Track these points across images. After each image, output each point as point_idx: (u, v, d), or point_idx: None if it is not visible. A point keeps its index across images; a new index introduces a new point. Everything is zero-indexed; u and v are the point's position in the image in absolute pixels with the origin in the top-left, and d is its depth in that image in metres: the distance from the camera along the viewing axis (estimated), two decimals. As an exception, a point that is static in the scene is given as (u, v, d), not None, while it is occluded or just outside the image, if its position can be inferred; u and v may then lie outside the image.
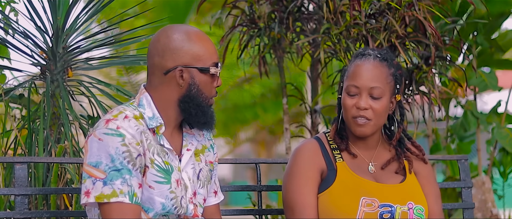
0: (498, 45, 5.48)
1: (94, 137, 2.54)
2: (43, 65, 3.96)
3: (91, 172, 2.51)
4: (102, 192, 2.49)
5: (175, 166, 2.66)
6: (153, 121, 2.62)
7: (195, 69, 2.63)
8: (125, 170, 2.51)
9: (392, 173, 2.97)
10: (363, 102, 2.87)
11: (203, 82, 2.64)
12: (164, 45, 2.64)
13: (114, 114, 2.58)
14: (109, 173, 2.50)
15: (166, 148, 2.65)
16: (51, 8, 3.93)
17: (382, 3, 3.94)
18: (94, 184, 2.50)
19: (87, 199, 2.51)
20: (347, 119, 2.93)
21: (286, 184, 2.92)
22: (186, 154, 2.72)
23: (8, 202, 3.63)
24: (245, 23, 4.33)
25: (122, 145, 2.52)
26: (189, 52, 2.63)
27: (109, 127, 2.54)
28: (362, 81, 2.88)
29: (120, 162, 2.51)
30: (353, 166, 2.93)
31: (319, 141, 2.98)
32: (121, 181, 2.50)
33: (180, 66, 2.62)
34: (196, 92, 2.64)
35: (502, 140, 5.41)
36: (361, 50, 2.96)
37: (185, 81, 2.63)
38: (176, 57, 2.63)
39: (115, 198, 2.49)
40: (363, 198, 2.85)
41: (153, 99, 2.65)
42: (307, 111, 4.86)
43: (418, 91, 4.13)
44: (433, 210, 2.96)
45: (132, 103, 2.67)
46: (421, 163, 3.03)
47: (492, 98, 6.80)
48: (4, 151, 3.81)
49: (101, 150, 2.52)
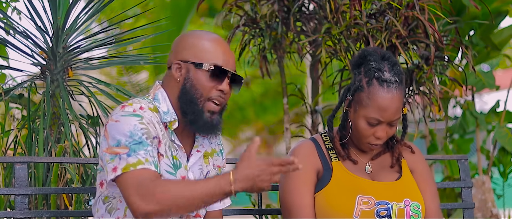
0: (494, 44, 5.49)
1: (111, 121, 2.55)
2: (43, 65, 3.96)
3: (115, 150, 2.50)
4: (127, 162, 2.48)
5: (183, 164, 2.66)
6: (168, 116, 2.63)
7: (191, 64, 2.63)
8: (145, 143, 2.51)
9: (388, 171, 2.98)
10: (382, 132, 2.86)
11: (197, 78, 2.62)
12: (176, 43, 2.69)
13: (129, 102, 2.60)
14: (131, 147, 2.49)
15: (176, 144, 2.65)
16: (51, 8, 3.93)
17: (382, 3, 3.94)
18: (120, 159, 2.49)
19: (115, 174, 2.48)
20: (359, 139, 2.90)
21: (283, 185, 2.93)
22: (195, 155, 2.71)
23: (8, 202, 3.63)
24: (247, 23, 4.34)
25: (140, 123, 2.53)
26: (192, 48, 2.64)
27: (125, 110, 2.55)
28: (387, 115, 2.83)
29: (139, 137, 2.51)
30: (349, 165, 2.94)
31: (315, 142, 2.99)
32: (144, 152, 2.49)
33: (178, 60, 2.64)
34: (190, 87, 2.62)
35: (502, 140, 5.40)
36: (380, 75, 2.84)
37: (182, 75, 2.63)
38: (179, 52, 2.65)
39: (141, 166, 2.47)
40: (359, 196, 2.85)
41: (168, 94, 2.66)
42: (307, 111, 4.86)
43: (418, 91, 4.12)
44: (430, 208, 2.96)
45: (147, 97, 2.67)
46: (417, 160, 3.03)
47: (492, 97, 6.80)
48: (4, 151, 3.81)
49: (119, 130, 2.52)
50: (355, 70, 2.92)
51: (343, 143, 2.96)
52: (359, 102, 2.86)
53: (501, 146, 5.67)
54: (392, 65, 2.87)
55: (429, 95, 4.12)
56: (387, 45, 3.90)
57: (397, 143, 3.00)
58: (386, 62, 2.87)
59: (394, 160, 2.99)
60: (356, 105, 2.87)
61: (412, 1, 3.92)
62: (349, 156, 2.94)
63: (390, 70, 2.85)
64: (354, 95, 2.88)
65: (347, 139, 2.94)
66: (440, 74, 4.19)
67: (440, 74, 4.19)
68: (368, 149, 2.92)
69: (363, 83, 2.86)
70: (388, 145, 3.01)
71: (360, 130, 2.86)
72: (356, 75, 2.90)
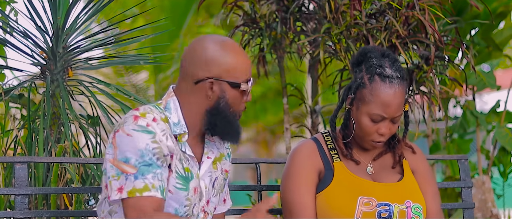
0: (495, 44, 5.48)
1: (122, 133, 2.50)
2: (43, 65, 3.96)
3: (122, 167, 2.47)
4: (134, 186, 2.45)
5: (195, 173, 2.64)
6: (178, 128, 2.59)
7: (226, 83, 2.58)
8: (155, 165, 2.48)
9: (389, 172, 2.97)
10: (386, 129, 2.86)
11: (232, 96, 2.60)
12: (199, 54, 2.59)
13: (142, 112, 2.54)
14: (140, 168, 2.46)
15: (187, 155, 2.62)
16: (51, 7, 3.93)
17: (382, 3, 3.94)
18: (126, 180, 2.46)
19: (120, 195, 2.46)
20: (362, 137, 2.90)
21: (284, 185, 2.92)
22: (206, 162, 2.69)
23: (8, 202, 3.63)
24: (246, 22, 4.34)
25: (153, 142, 2.49)
26: (222, 65, 2.58)
27: (138, 123, 2.50)
28: (390, 111, 2.83)
29: (150, 158, 2.47)
30: (351, 166, 2.93)
31: (317, 142, 2.98)
32: (152, 176, 2.47)
33: (211, 78, 2.58)
34: (224, 106, 2.59)
35: (502, 140, 5.40)
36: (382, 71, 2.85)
37: (214, 93, 2.58)
38: (208, 68, 2.58)
39: (147, 193, 2.45)
40: (360, 198, 2.85)
41: (181, 104, 2.61)
42: (307, 111, 4.86)
43: (418, 91, 4.12)
44: (431, 209, 2.96)
45: (159, 105, 2.62)
46: (419, 161, 3.03)
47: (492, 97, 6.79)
48: (4, 151, 3.81)
49: (130, 146, 2.48)
50: (356, 68, 2.92)
51: (345, 143, 2.95)
52: (362, 99, 2.86)
53: (501, 146, 5.67)
54: (392, 62, 2.87)
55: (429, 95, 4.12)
56: (387, 45, 3.90)
57: (399, 143, 3.00)
58: (387, 59, 2.87)
59: (396, 160, 2.99)
60: (358, 103, 2.87)
61: (412, 1, 3.93)
62: (351, 157, 2.94)
63: (391, 66, 2.85)
64: (356, 92, 2.88)
65: (350, 138, 2.94)
66: (440, 74, 4.19)
67: (440, 74, 4.19)
68: (371, 146, 2.92)
69: (365, 80, 2.86)
70: (389, 145, 3.01)
71: (363, 127, 2.86)
72: (357, 72, 2.90)
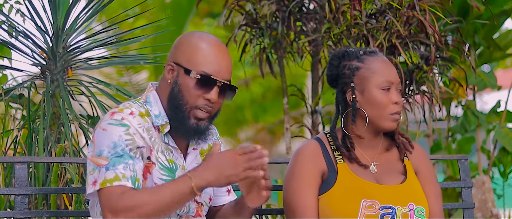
0: (496, 45, 5.48)
1: (99, 129, 2.54)
2: (43, 65, 3.96)
3: (96, 161, 2.50)
4: (105, 177, 2.46)
5: (180, 165, 2.64)
6: (159, 119, 2.60)
7: (182, 69, 2.58)
8: (127, 156, 2.49)
9: (393, 173, 2.96)
10: (398, 97, 2.87)
11: (185, 84, 2.57)
12: (175, 42, 2.65)
13: (120, 108, 2.58)
14: (111, 159, 2.48)
15: (170, 146, 2.63)
16: (51, 8, 3.93)
17: (383, 3, 3.94)
18: (99, 172, 2.48)
19: (94, 187, 2.48)
20: (379, 116, 2.88)
21: (287, 185, 2.92)
22: (191, 153, 2.70)
23: (8, 202, 3.63)
24: (248, 22, 4.34)
25: (126, 134, 2.51)
26: (186, 52, 2.59)
27: (114, 118, 2.53)
28: (393, 74, 2.88)
29: (122, 148, 2.49)
30: (354, 167, 2.92)
31: (320, 142, 2.96)
32: (123, 166, 2.48)
33: (171, 61, 2.61)
34: (177, 92, 2.58)
35: (502, 140, 5.40)
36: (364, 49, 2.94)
37: (172, 78, 2.60)
38: (174, 52, 2.62)
39: (117, 182, 2.46)
40: (364, 201, 2.84)
41: (160, 97, 2.63)
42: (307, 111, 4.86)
43: (419, 91, 4.12)
44: (434, 210, 2.96)
45: (138, 100, 2.65)
46: (421, 161, 3.02)
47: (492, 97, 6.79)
48: (4, 151, 3.81)
49: (105, 139, 2.50)
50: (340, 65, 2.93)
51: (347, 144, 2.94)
52: (363, 79, 2.88)
53: (501, 146, 5.67)
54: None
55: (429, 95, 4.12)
56: (387, 45, 3.90)
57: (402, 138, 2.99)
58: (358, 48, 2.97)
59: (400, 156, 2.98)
60: (361, 85, 2.88)
61: (412, 1, 3.92)
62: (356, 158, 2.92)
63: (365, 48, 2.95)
64: (353, 78, 2.89)
65: (354, 136, 2.93)
66: (441, 74, 4.19)
67: (441, 74, 4.19)
68: (392, 123, 2.88)
69: (356, 64, 2.90)
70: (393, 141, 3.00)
71: (379, 101, 2.86)
72: (344, 66, 2.92)
